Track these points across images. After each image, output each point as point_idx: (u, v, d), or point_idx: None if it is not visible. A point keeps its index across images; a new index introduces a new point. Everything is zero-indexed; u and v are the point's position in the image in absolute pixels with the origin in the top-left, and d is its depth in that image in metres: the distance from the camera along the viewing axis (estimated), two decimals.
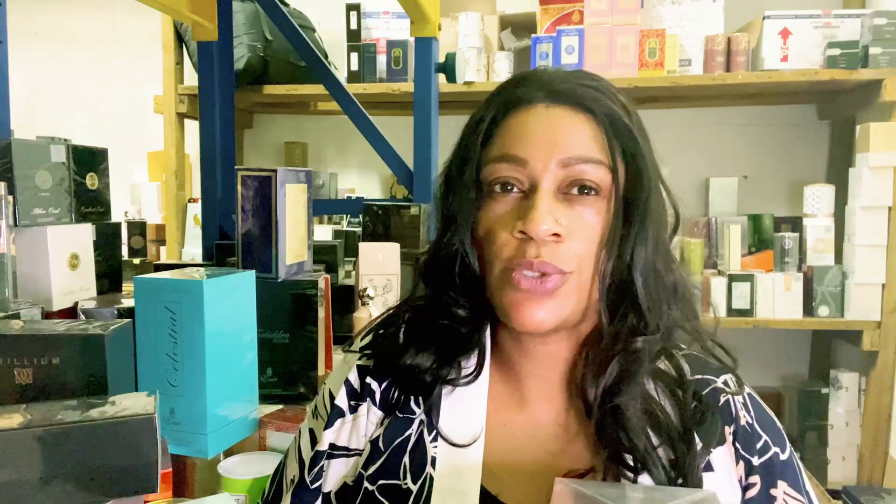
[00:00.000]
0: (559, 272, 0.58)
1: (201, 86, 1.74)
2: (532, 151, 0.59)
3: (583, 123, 0.60)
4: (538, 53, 2.29)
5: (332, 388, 0.70)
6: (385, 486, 0.62)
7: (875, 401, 2.23)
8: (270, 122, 2.94)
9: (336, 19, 2.51)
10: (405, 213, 1.52)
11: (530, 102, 0.61)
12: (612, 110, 0.60)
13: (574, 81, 0.62)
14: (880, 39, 2.11)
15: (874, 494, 1.30)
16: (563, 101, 0.61)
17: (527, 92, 0.62)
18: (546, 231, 0.57)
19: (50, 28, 3.00)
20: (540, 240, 0.57)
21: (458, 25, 2.41)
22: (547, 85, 0.62)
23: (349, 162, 2.91)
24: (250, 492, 0.91)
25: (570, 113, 0.60)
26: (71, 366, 0.76)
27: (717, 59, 2.22)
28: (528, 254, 0.58)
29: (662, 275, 0.61)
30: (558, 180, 0.59)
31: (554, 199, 0.59)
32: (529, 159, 0.59)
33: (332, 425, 0.67)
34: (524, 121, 0.61)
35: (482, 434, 0.62)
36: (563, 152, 0.59)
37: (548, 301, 0.58)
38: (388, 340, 0.69)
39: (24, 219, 1.10)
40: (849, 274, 2.21)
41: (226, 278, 0.96)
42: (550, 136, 0.59)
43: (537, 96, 0.61)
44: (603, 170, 0.59)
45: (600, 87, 0.62)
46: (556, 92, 0.61)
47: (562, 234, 0.58)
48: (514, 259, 0.59)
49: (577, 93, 0.61)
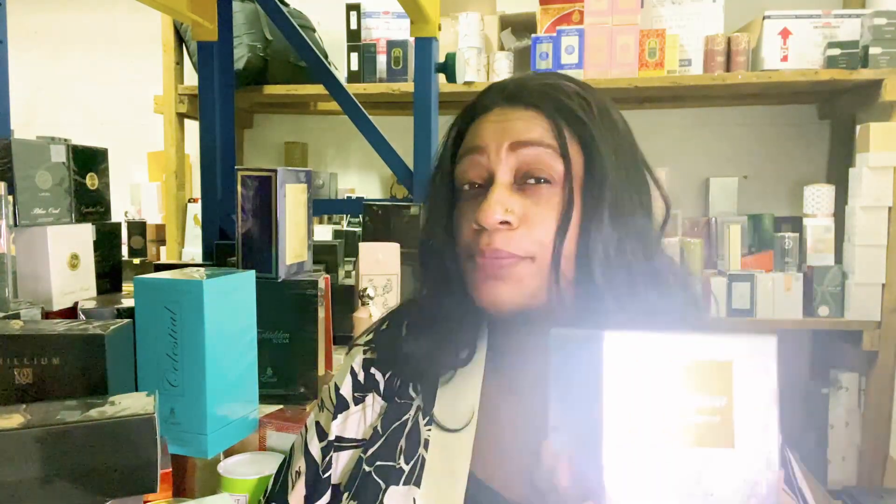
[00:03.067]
0: (513, 256, 0.61)
1: (201, 86, 1.74)
2: (487, 140, 0.65)
3: (533, 118, 0.64)
4: (538, 53, 2.29)
5: (338, 381, 0.74)
6: (381, 466, 0.65)
7: (875, 401, 2.23)
8: (270, 122, 2.94)
9: (336, 19, 2.51)
10: (405, 213, 1.52)
11: (489, 108, 0.67)
12: (563, 103, 0.64)
13: (527, 83, 0.67)
14: (880, 39, 2.11)
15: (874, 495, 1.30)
16: (515, 102, 0.66)
17: (487, 99, 0.69)
18: (495, 220, 0.61)
19: (50, 28, 3.00)
20: (492, 229, 0.62)
21: (458, 25, 2.41)
22: (503, 90, 0.68)
23: (349, 162, 2.91)
24: (250, 492, 0.91)
25: (521, 110, 0.65)
26: (71, 366, 0.76)
27: (717, 59, 2.22)
28: (481, 242, 0.62)
29: (629, 258, 0.62)
30: (512, 169, 0.64)
31: (509, 190, 0.63)
32: (484, 147, 0.65)
33: (337, 417, 0.71)
34: (484, 121, 0.67)
35: (473, 420, 0.65)
36: (513, 137, 0.64)
37: (503, 282, 0.62)
38: (390, 333, 0.73)
39: (24, 219, 1.10)
40: (849, 274, 2.21)
41: (226, 278, 0.96)
42: (502, 128, 0.65)
43: (495, 101, 0.67)
44: (553, 156, 0.62)
45: (551, 84, 0.67)
46: (510, 95, 0.67)
47: (512, 223, 0.62)
48: (471, 248, 0.64)
49: (526, 92, 0.66)
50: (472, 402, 0.66)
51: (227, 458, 0.97)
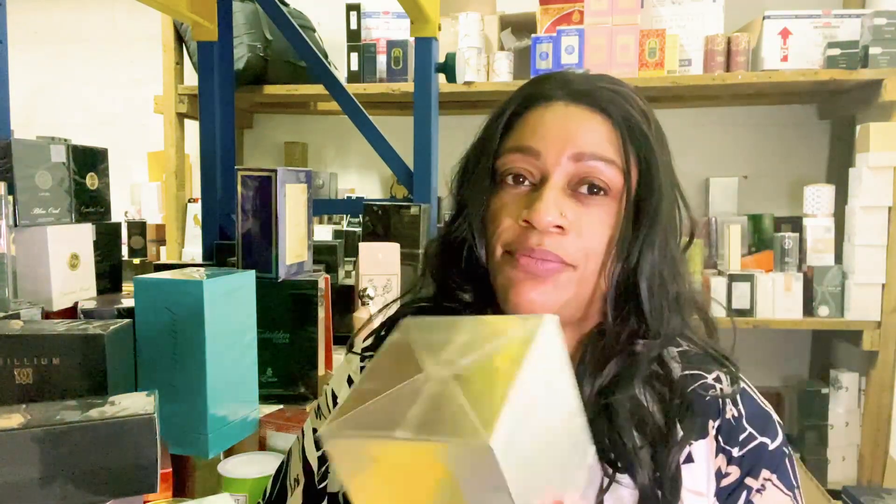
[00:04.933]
0: (560, 261, 0.59)
1: (201, 86, 1.74)
2: (545, 144, 0.61)
3: (599, 124, 0.61)
4: (538, 53, 2.29)
5: (335, 388, 0.71)
6: None
7: (875, 401, 2.23)
8: (270, 122, 2.94)
9: (336, 19, 2.51)
10: (405, 213, 1.52)
11: (550, 99, 0.63)
12: (630, 114, 0.61)
13: (595, 83, 0.63)
14: (880, 39, 2.11)
15: (874, 494, 1.30)
16: (581, 101, 0.62)
17: (547, 89, 0.64)
18: (549, 222, 0.58)
19: (50, 28, 3.00)
20: (543, 230, 0.58)
21: (458, 25, 2.41)
22: (568, 84, 0.63)
23: (349, 162, 2.91)
24: (250, 492, 0.91)
25: (587, 112, 0.62)
26: (71, 366, 0.76)
27: (717, 59, 2.22)
28: (530, 241, 0.59)
29: (667, 283, 0.62)
30: (569, 175, 0.60)
31: (562, 193, 0.60)
32: (542, 151, 0.61)
33: None
34: (541, 115, 0.62)
35: None
36: (576, 147, 0.60)
37: (544, 285, 0.59)
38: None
39: (24, 219, 1.10)
40: (849, 274, 2.21)
41: (226, 278, 0.96)
42: (565, 132, 0.61)
43: (557, 94, 0.63)
44: (614, 170, 0.60)
45: (620, 92, 0.63)
46: (576, 91, 0.63)
47: (566, 228, 0.59)
48: (515, 244, 0.60)
49: (596, 94, 0.62)
50: None
51: (227, 458, 0.97)
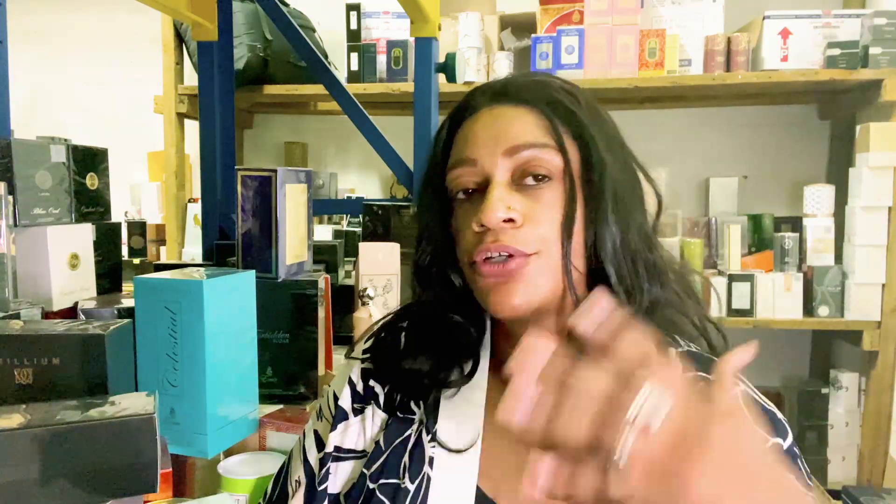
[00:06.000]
0: (520, 254, 0.60)
1: (201, 86, 1.74)
2: (479, 150, 0.63)
3: (524, 114, 0.63)
4: (538, 53, 2.29)
5: (336, 391, 0.71)
6: (385, 485, 0.63)
7: (875, 401, 2.23)
8: (270, 122, 2.94)
9: (336, 19, 2.52)
10: (405, 213, 1.52)
11: (475, 109, 0.65)
12: (552, 97, 0.63)
13: (511, 80, 0.66)
14: (880, 39, 2.11)
15: (874, 494, 1.30)
16: (501, 100, 0.64)
17: (473, 99, 0.66)
18: (499, 218, 0.59)
19: (50, 28, 3.00)
20: (496, 227, 0.60)
21: (458, 25, 2.41)
22: (489, 89, 0.66)
23: (349, 162, 2.91)
24: (250, 492, 0.91)
25: (510, 109, 0.63)
26: (71, 366, 0.76)
27: (717, 59, 2.23)
28: (486, 241, 0.60)
29: (640, 254, 0.62)
30: (509, 171, 0.62)
31: (508, 189, 0.61)
32: (478, 158, 0.62)
33: (336, 427, 0.69)
34: (471, 126, 0.65)
35: (479, 439, 0.63)
36: (507, 142, 0.61)
37: (516, 283, 0.60)
38: (388, 345, 0.71)
39: (24, 219, 1.10)
40: (849, 274, 2.21)
41: (226, 278, 0.96)
42: (493, 132, 0.62)
43: (481, 101, 0.65)
44: (551, 153, 0.61)
45: (537, 79, 0.65)
46: (495, 93, 0.65)
47: (517, 220, 0.60)
48: (475, 250, 0.61)
49: (515, 89, 0.64)
50: (476, 421, 0.64)
51: (227, 458, 0.97)
